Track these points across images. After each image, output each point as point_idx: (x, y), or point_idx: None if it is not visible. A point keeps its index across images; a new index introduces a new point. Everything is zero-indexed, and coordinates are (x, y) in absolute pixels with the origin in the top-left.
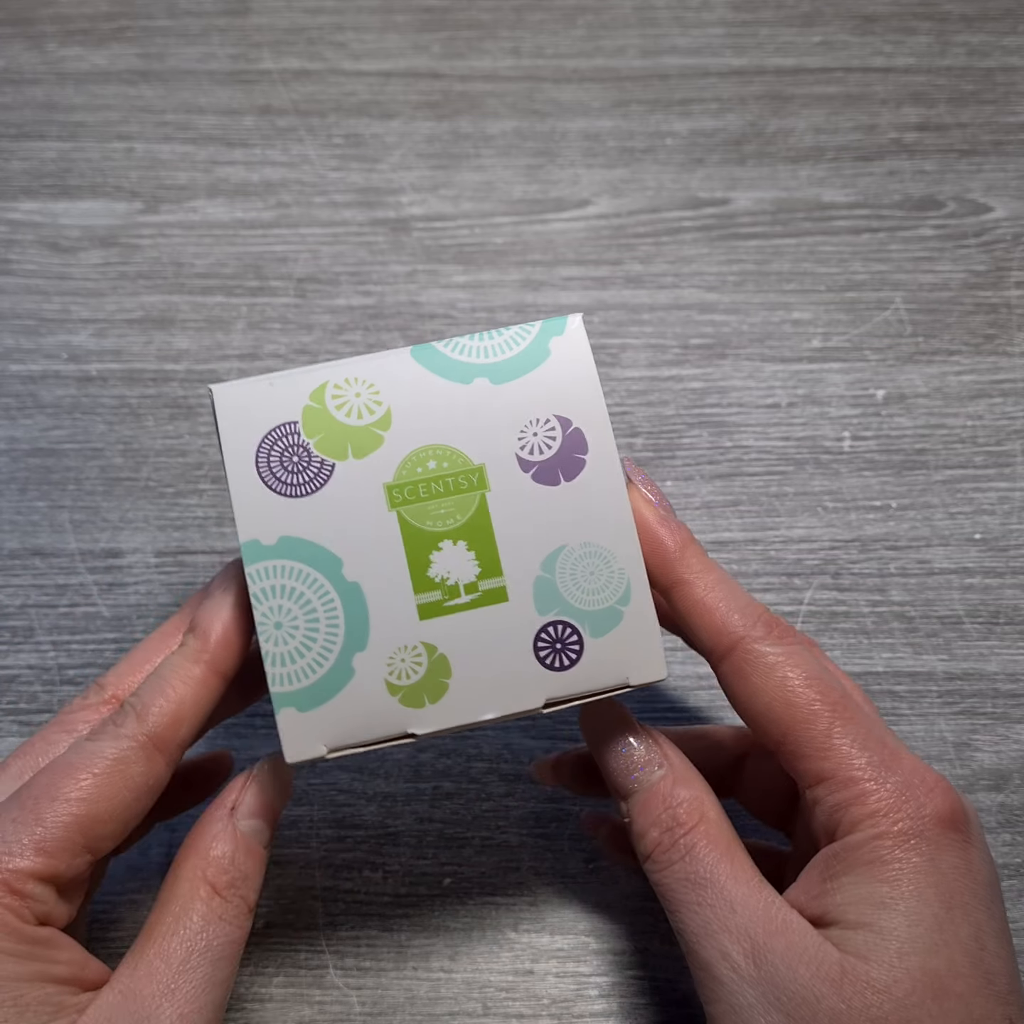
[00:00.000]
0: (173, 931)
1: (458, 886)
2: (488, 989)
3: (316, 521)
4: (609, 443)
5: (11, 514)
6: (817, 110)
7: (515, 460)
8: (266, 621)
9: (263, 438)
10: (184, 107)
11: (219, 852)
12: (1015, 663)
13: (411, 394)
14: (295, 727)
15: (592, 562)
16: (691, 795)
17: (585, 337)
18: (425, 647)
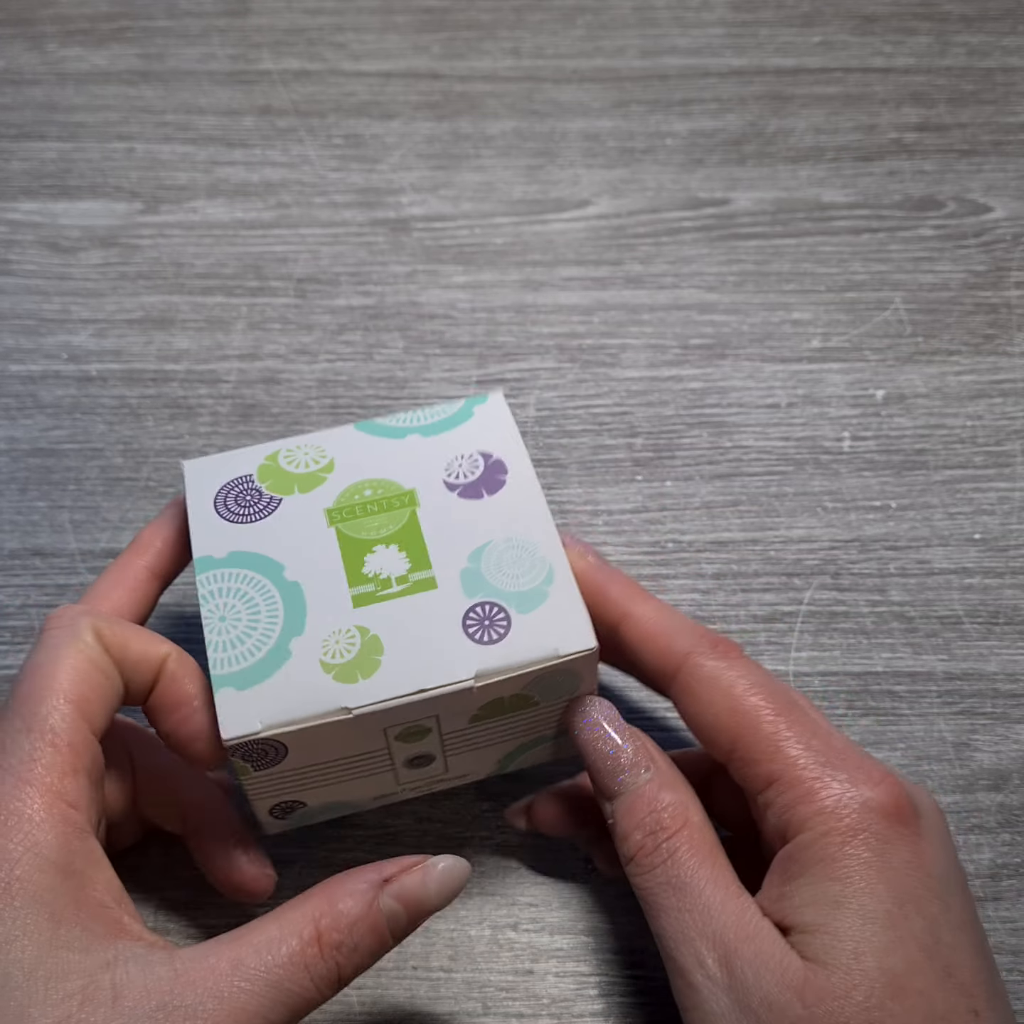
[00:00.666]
0: (256, 949)
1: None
2: (488, 989)
3: (263, 538)
4: (527, 467)
5: (11, 514)
6: (817, 110)
7: (443, 484)
8: (211, 616)
9: (222, 486)
10: (184, 107)
11: (345, 909)
12: (1014, 663)
13: (352, 450)
14: (232, 705)
15: (516, 552)
16: (676, 799)
17: (505, 404)
18: (358, 629)
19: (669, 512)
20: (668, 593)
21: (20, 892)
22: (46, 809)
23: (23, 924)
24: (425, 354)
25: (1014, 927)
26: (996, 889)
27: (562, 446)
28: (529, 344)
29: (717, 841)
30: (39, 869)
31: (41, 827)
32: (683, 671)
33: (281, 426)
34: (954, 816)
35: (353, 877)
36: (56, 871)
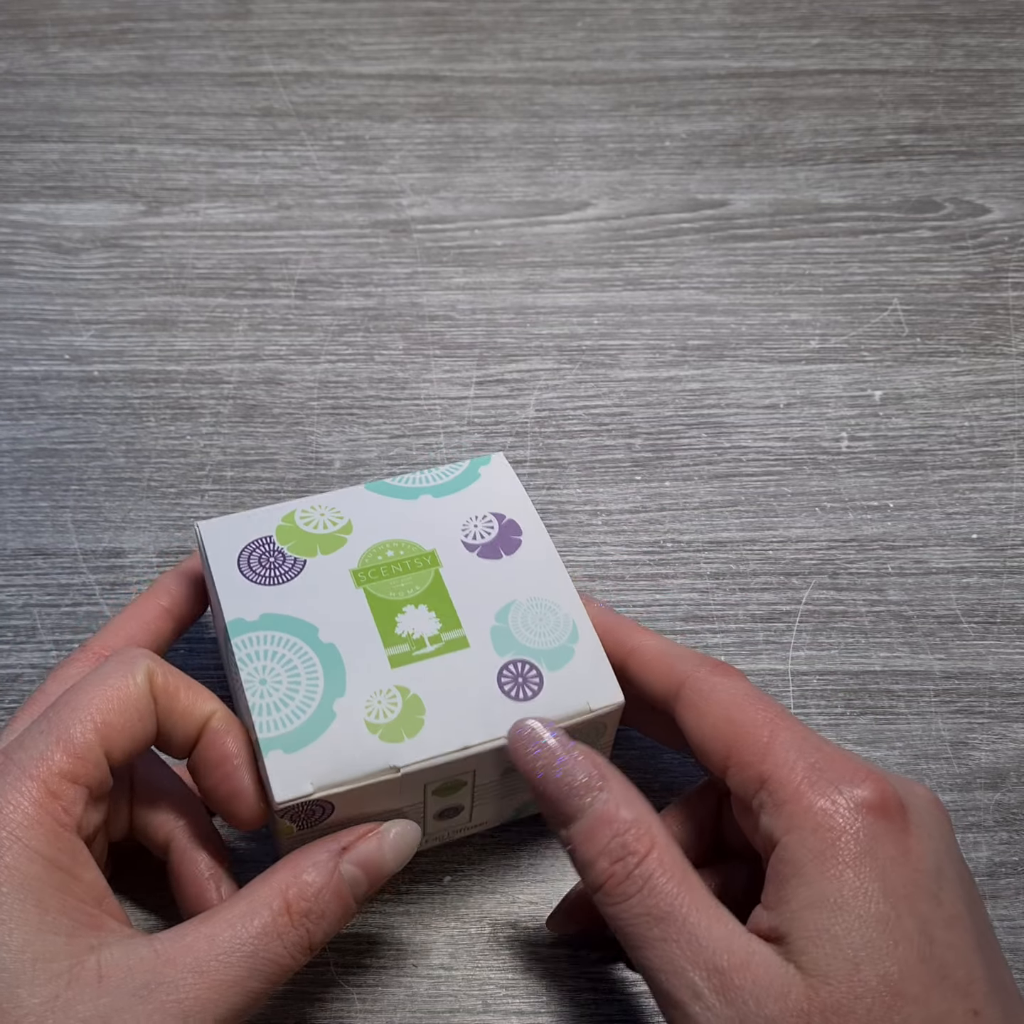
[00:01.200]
0: (230, 923)
1: (458, 884)
2: (488, 987)
3: (292, 601)
4: (540, 528)
5: (14, 514)
6: (815, 112)
7: (461, 545)
8: (252, 679)
9: (243, 548)
10: (186, 109)
11: (310, 879)
12: (1012, 662)
13: (367, 510)
14: (283, 767)
15: (540, 611)
16: (637, 818)
17: (508, 466)
18: (399, 689)
19: (668, 512)
20: (667, 593)
21: (8, 879)
22: (41, 804)
23: (10, 908)
24: (425, 355)
25: (1012, 925)
26: (994, 887)
27: (562, 446)
28: (529, 345)
29: (686, 859)
30: (27, 859)
31: (33, 820)
32: (685, 687)
33: (282, 426)
34: (952, 815)
35: (314, 848)
36: (43, 862)
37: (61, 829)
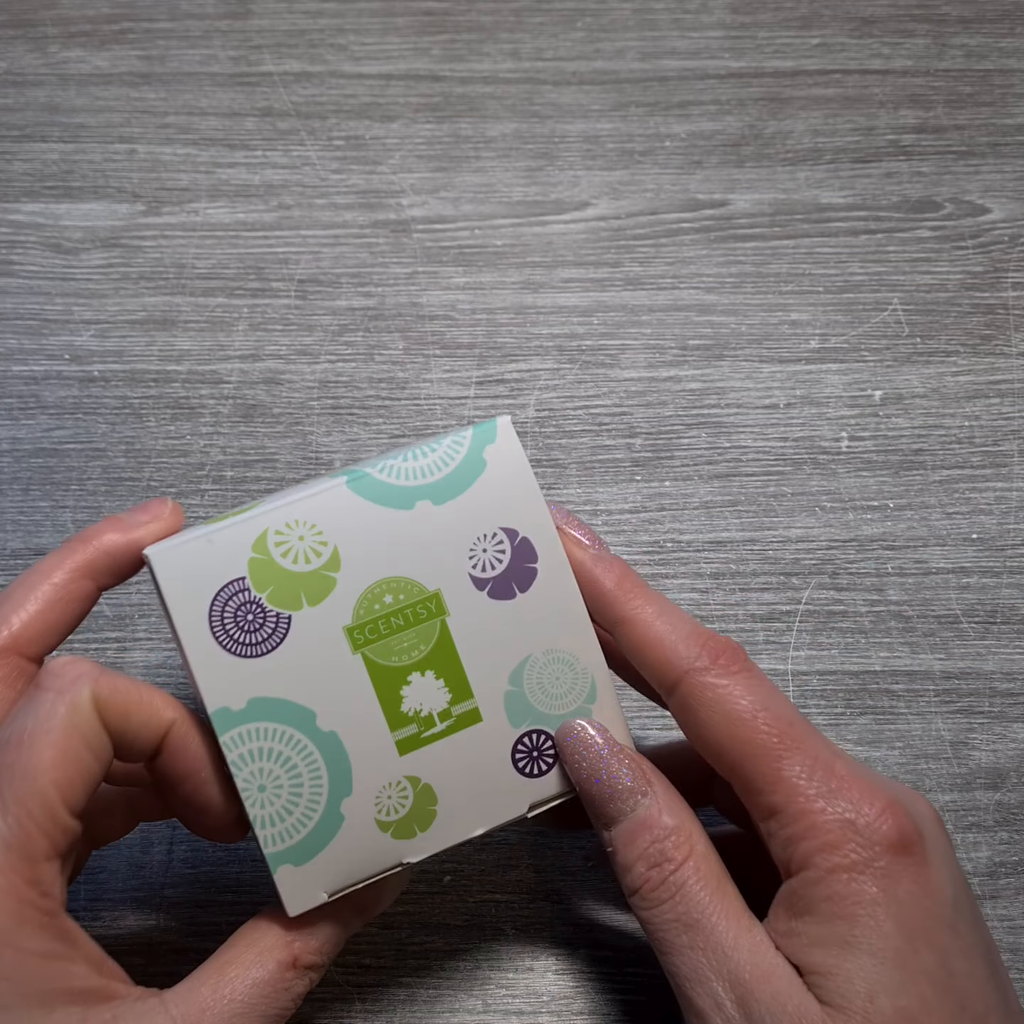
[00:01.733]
0: (242, 982)
1: (458, 884)
2: (488, 986)
3: (282, 677)
4: (556, 547)
5: (14, 514)
6: (815, 112)
7: (468, 580)
8: (249, 786)
9: (213, 600)
10: (186, 109)
11: (316, 931)
12: (1012, 662)
13: (355, 529)
14: (293, 881)
15: (557, 668)
16: (678, 825)
17: (516, 439)
18: (409, 780)
19: (668, 512)
20: (667, 593)
21: (7, 991)
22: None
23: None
24: (425, 355)
25: (1012, 925)
26: (994, 887)
27: (561, 446)
28: (529, 345)
29: (723, 868)
30: (21, 964)
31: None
32: (682, 687)
33: (282, 426)
34: (952, 815)
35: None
36: (39, 961)
37: (48, 919)
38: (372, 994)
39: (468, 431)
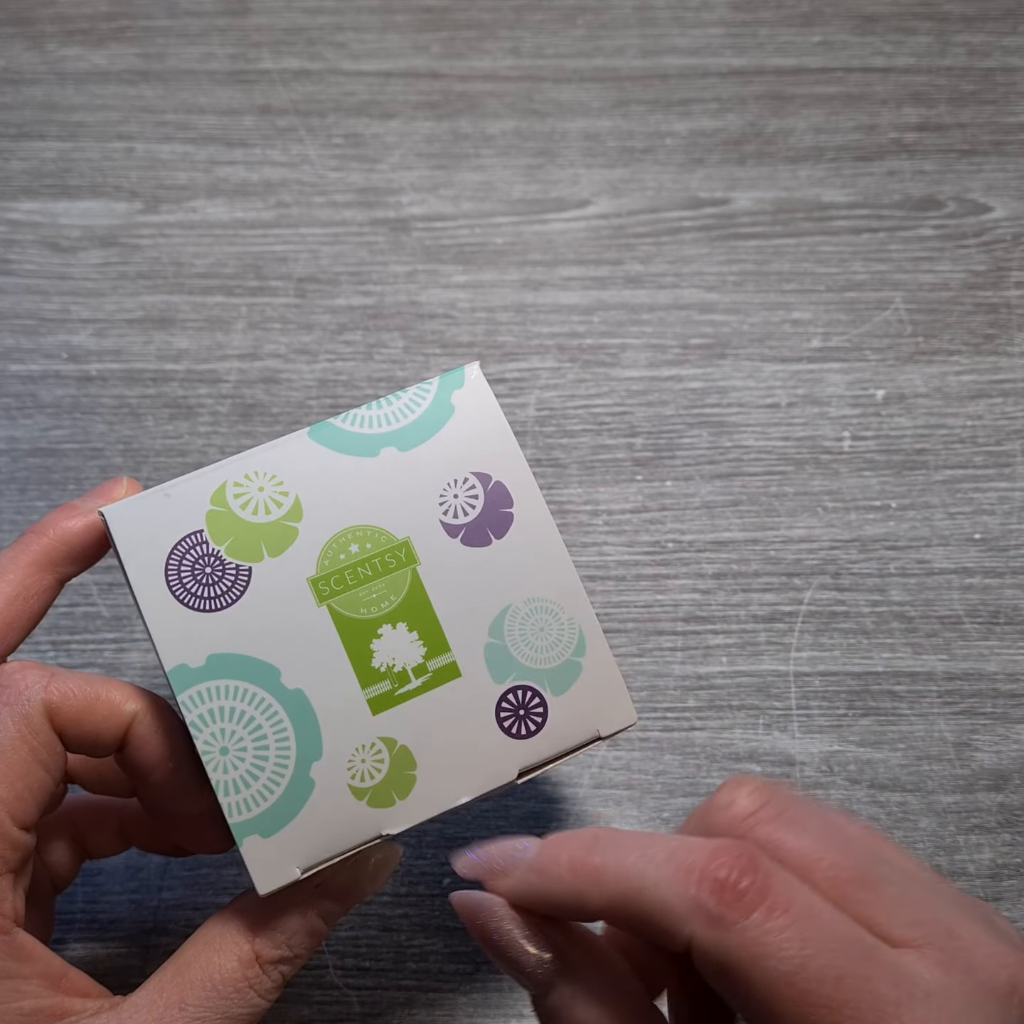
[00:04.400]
0: (201, 985)
1: (457, 886)
2: (488, 988)
3: (243, 632)
4: (533, 490)
5: (11, 514)
6: (817, 110)
7: (440, 527)
8: (211, 748)
9: (169, 554)
10: (184, 107)
11: (279, 925)
12: (1015, 663)
13: (317, 478)
14: (262, 855)
15: (540, 617)
16: (596, 1018)
17: (486, 385)
18: (384, 742)
19: (669, 512)
20: (668, 593)
21: None
22: None
23: None
24: (425, 354)
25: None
26: (996, 889)
27: (562, 446)
28: (529, 344)
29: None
30: None
31: None
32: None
33: (281, 426)
34: (954, 816)
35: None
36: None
37: (3, 937)
38: (371, 997)
39: (435, 380)
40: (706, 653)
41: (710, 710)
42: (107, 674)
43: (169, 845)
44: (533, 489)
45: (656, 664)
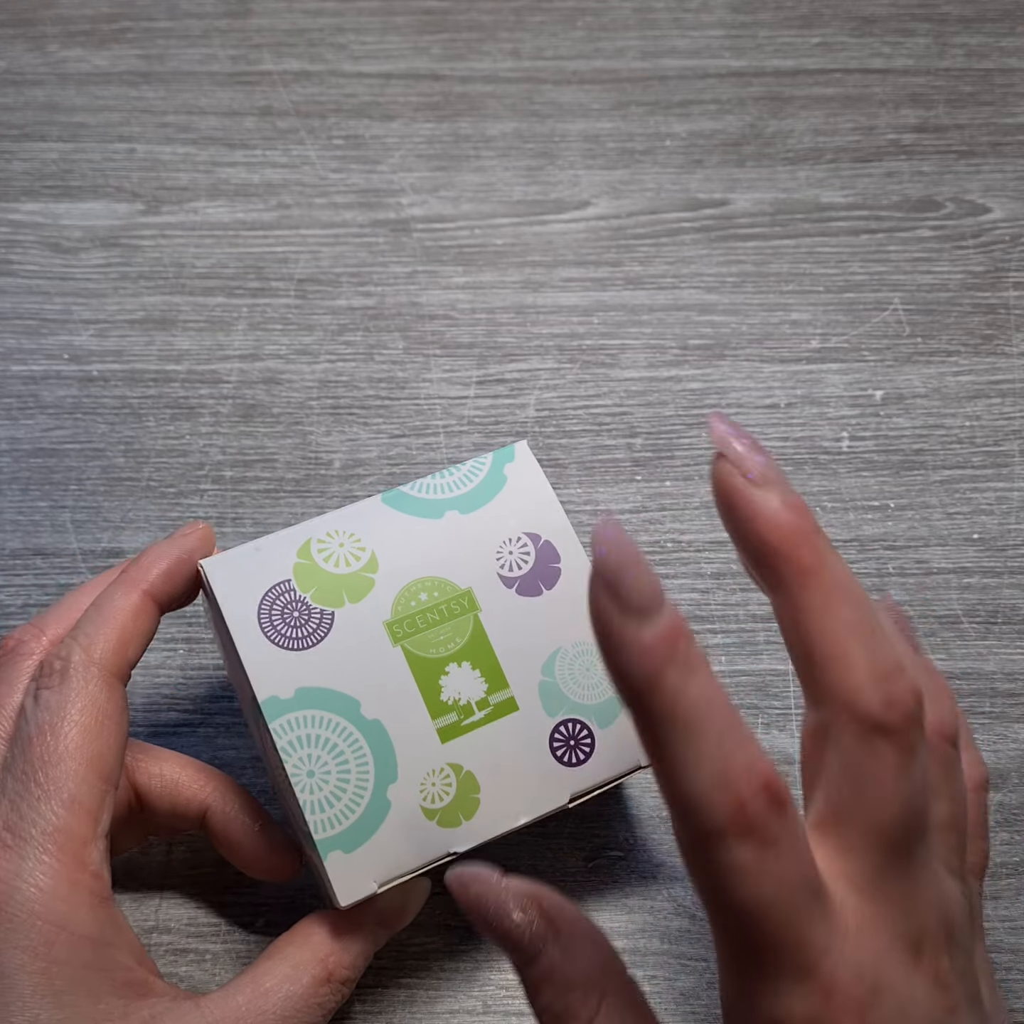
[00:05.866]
0: (276, 994)
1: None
2: (488, 987)
3: (327, 668)
4: (577, 549)
5: (13, 514)
6: (816, 111)
7: (498, 579)
8: (299, 771)
9: (261, 599)
10: (185, 108)
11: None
12: (1013, 663)
13: (390, 536)
14: (344, 869)
15: (586, 659)
16: (584, 976)
17: (533, 459)
18: (452, 767)
19: (668, 512)
20: (668, 593)
21: (59, 974)
22: (73, 883)
23: (67, 1005)
24: (425, 354)
25: (1013, 926)
26: (995, 888)
27: (562, 446)
28: (529, 344)
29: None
30: (73, 948)
31: (70, 903)
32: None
33: (282, 426)
34: None
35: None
36: (89, 946)
37: (98, 901)
38: (372, 995)
39: (488, 455)
40: (706, 653)
41: None
42: None
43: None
44: (577, 547)
45: None
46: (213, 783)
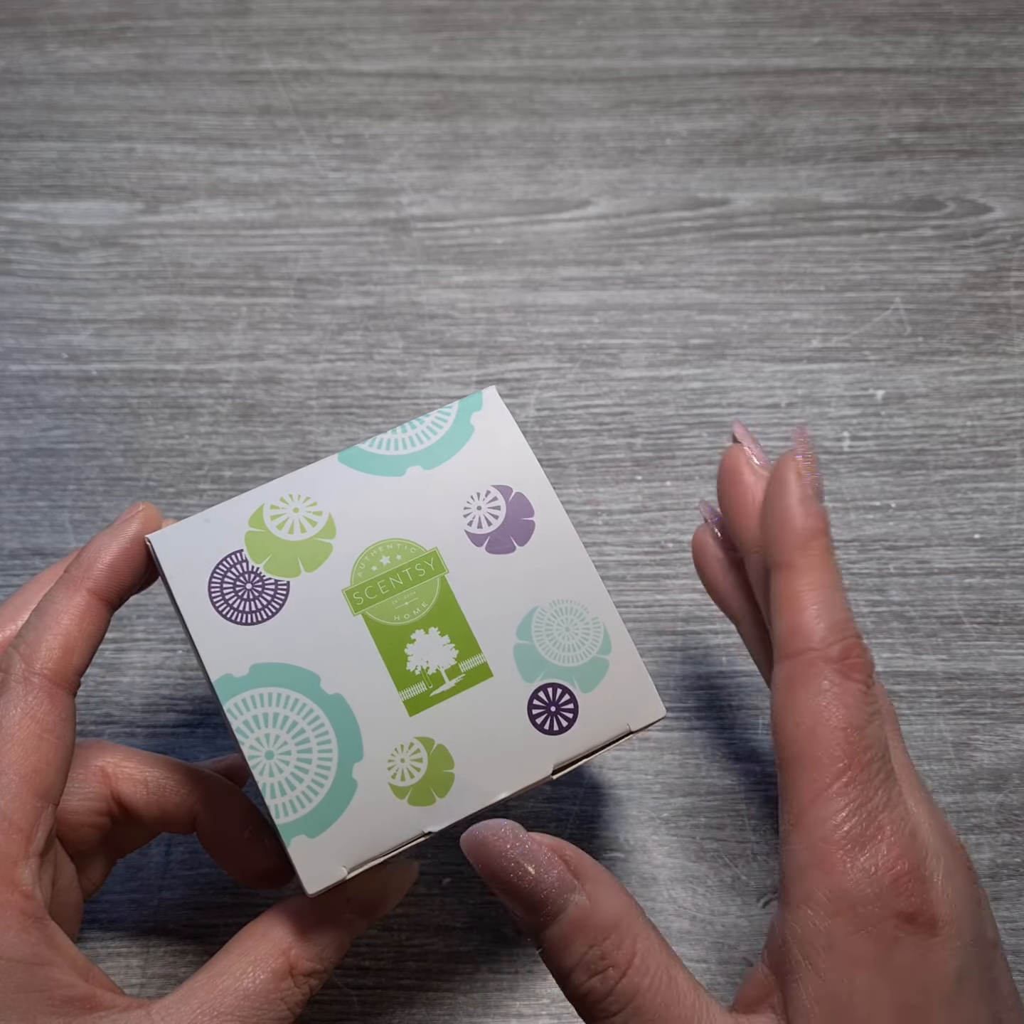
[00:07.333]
0: (234, 993)
1: (457, 886)
2: (488, 989)
3: (284, 643)
4: (552, 500)
5: (11, 514)
6: (817, 110)
7: (466, 537)
8: (256, 752)
9: (212, 572)
10: (184, 107)
11: (314, 938)
12: (1014, 663)
13: (348, 497)
14: (309, 855)
15: (566, 618)
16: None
17: (503, 406)
18: (421, 742)
19: (669, 512)
20: (668, 593)
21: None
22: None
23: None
24: (425, 354)
25: (1014, 927)
26: (996, 889)
27: (562, 446)
28: (529, 344)
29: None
30: (4, 972)
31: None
32: (797, 662)
33: (281, 426)
34: (954, 816)
35: (320, 899)
36: (21, 969)
37: (30, 921)
38: (371, 996)
39: (454, 404)
40: (706, 653)
41: (710, 710)
42: (106, 673)
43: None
44: (552, 498)
45: (656, 664)
46: (201, 788)
